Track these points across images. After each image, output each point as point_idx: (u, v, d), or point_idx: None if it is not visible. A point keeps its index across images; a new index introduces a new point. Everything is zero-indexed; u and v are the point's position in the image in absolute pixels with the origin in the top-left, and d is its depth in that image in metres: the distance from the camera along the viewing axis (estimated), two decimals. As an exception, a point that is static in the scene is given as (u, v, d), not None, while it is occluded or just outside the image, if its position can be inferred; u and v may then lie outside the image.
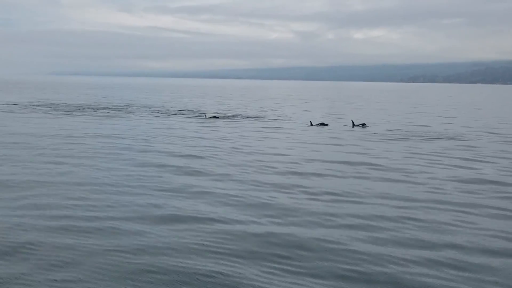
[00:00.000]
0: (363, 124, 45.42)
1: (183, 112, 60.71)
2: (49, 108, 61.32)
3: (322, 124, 45.46)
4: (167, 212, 15.96)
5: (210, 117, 51.99)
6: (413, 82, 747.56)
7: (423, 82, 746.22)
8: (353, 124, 45.63)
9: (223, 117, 52.94)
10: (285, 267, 11.81)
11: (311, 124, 45.76)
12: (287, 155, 28.60)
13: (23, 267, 11.52)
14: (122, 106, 69.78)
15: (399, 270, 11.71)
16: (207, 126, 44.06)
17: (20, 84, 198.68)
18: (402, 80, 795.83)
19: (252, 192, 18.73)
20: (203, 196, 18.14)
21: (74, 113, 55.48)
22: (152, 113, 57.42)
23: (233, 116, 55.48)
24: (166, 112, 59.39)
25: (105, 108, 64.35)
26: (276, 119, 52.70)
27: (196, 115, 56.06)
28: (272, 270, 11.61)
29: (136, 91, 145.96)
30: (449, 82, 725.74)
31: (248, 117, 54.70)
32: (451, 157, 28.35)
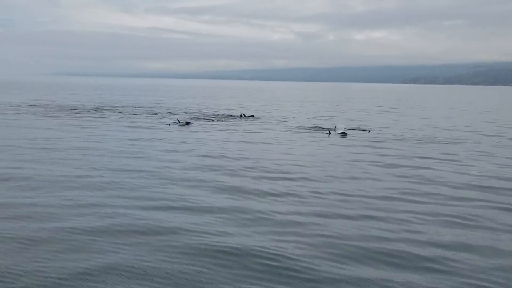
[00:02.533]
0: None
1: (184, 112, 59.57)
2: (38, 109, 60.23)
3: (343, 134, 39.52)
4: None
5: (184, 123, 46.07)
6: (413, 83, 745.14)
7: (424, 83, 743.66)
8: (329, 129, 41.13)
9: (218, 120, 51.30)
10: None
11: (329, 133, 40.11)
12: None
13: None
14: (117, 107, 68.47)
15: None
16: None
17: (19, 84, 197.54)
18: (403, 81, 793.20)
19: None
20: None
21: (59, 114, 54.32)
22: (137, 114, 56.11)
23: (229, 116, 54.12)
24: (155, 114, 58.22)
25: (96, 108, 63.33)
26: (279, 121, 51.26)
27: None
28: None
29: (136, 92, 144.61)
30: (450, 83, 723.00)
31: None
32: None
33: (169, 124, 44.93)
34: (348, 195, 18.93)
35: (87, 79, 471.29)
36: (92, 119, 49.07)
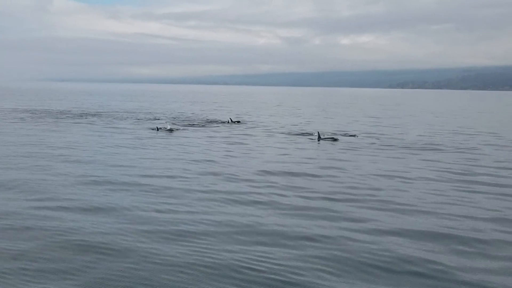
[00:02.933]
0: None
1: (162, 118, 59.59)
2: (26, 114, 60.01)
3: (332, 139, 39.57)
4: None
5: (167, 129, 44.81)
6: (401, 88, 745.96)
7: (412, 88, 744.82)
8: (319, 137, 40.15)
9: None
10: None
11: (319, 139, 39.78)
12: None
13: None
14: (104, 112, 68.31)
15: None
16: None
17: (8, 90, 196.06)
18: (390, 86, 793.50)
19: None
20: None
21: (47, 120, 54.27)
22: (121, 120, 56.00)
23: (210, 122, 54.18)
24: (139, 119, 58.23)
25: (83, 114, 63.20)
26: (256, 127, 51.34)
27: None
28: None
29: (123, 97, 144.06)
30: (439, 88, 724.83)
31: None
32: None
33: (157, 129, 44.80)
34: (336, 200, 18.97)
35: (76, 85, 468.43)
36: (78, 124, 48.87)
